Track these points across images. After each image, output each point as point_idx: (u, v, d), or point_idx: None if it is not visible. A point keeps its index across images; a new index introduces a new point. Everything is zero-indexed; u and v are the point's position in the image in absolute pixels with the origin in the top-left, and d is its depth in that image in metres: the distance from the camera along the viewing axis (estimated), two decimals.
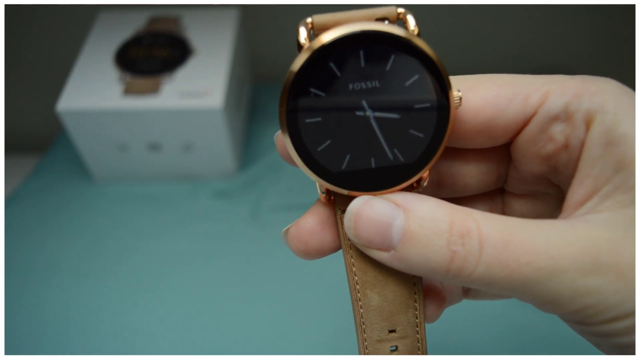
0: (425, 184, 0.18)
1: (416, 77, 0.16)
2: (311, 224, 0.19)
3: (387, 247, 0.16)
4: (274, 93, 0.65)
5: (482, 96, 0.17)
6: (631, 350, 0.15)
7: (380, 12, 0.17)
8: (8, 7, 0.62)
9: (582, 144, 0.16)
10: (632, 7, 0.61)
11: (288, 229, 0.19)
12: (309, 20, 0.17)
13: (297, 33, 0.17)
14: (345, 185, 0.17)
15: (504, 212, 0.21)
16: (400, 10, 0.17)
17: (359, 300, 0.19)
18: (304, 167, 0.17)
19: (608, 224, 0.15)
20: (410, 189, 0.18)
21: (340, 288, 0.41)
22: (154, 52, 0.53)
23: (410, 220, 0.16)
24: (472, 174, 0.20)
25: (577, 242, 0.15)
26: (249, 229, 0.50)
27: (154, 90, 0.49)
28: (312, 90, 0.16)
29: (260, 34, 0.66)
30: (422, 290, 0.19)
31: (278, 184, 0.55)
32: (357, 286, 0.19)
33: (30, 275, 0.47)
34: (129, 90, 0.49)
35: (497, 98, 0.17)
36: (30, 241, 0.50)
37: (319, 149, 0.17)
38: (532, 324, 0.41)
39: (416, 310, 0.19)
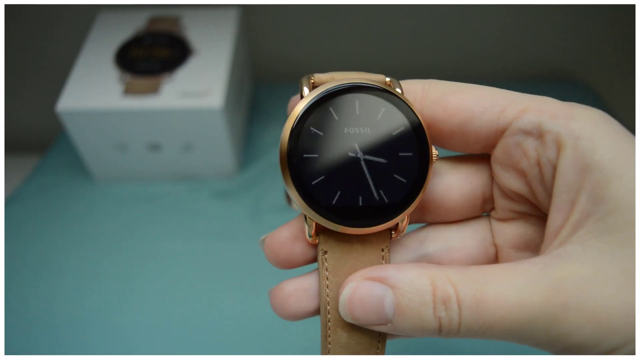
0: (404, 232, 0.20)
1: (402, 129, 0.19)
2: (282, 236, 0.20)
3: (385, 322, 0.17)
4: (274, 93, 0.65)
5: (460, 100, 0.19)
6: None
7: (372, 78, 0.19)
8: (8, 7, 0.62)
9: (554, 167, 0.17)
10: (632, 7, 0.61)
11: (264, 238, 0.21)
12: (311, 77, 0.19)
13: (300, 87, 0.19)
14: (333, 219, 0.19)
15: (495, 241, 0.21)
16: (388, 79, 0.20)
17: (329, 336, 0.20)
18: (299, 198, 0.19)
19: (578, 259, 0.16)
20: (388, 236, 0.20)
21: None
22: (154, 52, 0.53)
23: (398, 295, 0.17)
24: (455, 198, 0.21)
25: (547, 288, 0.15)
26: (248, 229, 0.50)
27: (154, 90, 0.49)
28: (312, 129, 0.18)
29: (260, 34, 0.66)
30: (385, 336, 0.20)
31: (278, 184, 0.55)
32: (329, 323, 0.20)
33: (30, 275, 0.47)
34: (129, 90, 0.49)
35: (474, 105, 0.18)
36: (30, 241, 0.50)
37: (314, 182, 0.18)
38: None
39: (378, 349, 0.20)
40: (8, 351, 0.41)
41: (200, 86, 0.49)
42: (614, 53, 0.68)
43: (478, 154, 0.21)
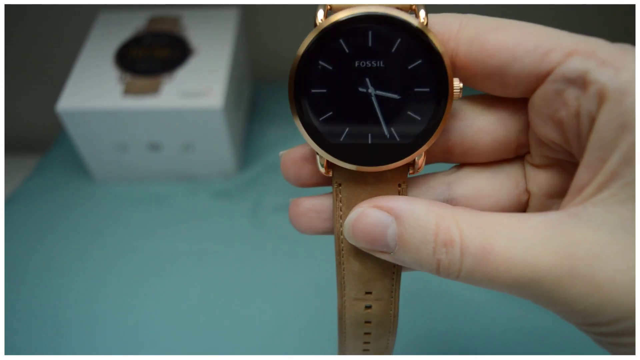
0: (421, 170, 0.19)
1: (419, 62, 0.17)
2: (295, 155, 0.20)
3: (387, 251, 0.17)
4: (274, 93, 0.65)
5: (501, 40, 0.17)
6: (625, 349, 0.15)
7: (394, 2, 0.18)
8: (8, 7, 0.62)
9: (593, 121, 0.15)
10: (632, 7, 0.61)
11: (284, 153, 0.21)
12: (328, 3, 0.18)
13: (315, 14, 0.17)
14: (341, 157, 0.18)
15: (528, 187, 0.20)
16: (414, 4, 0.18)
17: (342, 264, 0.20)
18: (305, 134, 0.18)
19: (597, 224, 0.15)
20: (406, 171, 0.19)
21: None
22: (154, 52, 0.53)
23: (401, 227, 0.17)
24: (486, 142, 0.20)
25: (558, 249, 0.15)
26: (249, 229, 0.50)
27: (154, 90, 0.49)
28: (321, 63, 0.17)
29: (260, 34, 0.66)
30: (400, 269, 0.20)
31: (278, 184, 0.55)
32: (342, 252, 0.20)
33: (30, 275, 0.47)
34: (129, 90, 0.49)
35: (516, 46, 0.17)
36: (30, 241, 0.50)
37: (321, 118, 0.18)
38: (532, 323, 0.41)
39: (393, 279, 0.20)
40: (8, 352, 0.41)
41: (200, 86, 0.49)
42: None
43: (515, 98, 0.19)
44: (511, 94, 0.18)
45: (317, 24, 0.17)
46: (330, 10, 0.18)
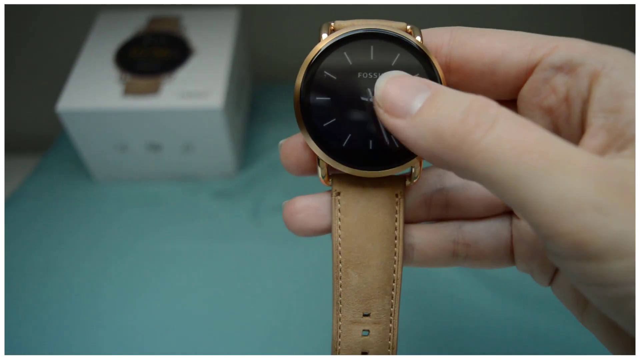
0: (418, 179, 0.20)
1: (417, 74, 0.18)
2: (296, 141, 0.21)
3: (403, 114, 0.16)
4: (274, 93, 0.65)
5: (489, 40, 0.19)
6: (620, 309, 0.14)
7: (392, 25, 0.19)
8: (8, 7, 0.62)
9: (584, 101, 0.17)
10: (632, 7, 0.61)
11: (284, 140, 0.22)
12: (332, 23, 0.19)
13: (319, 32, 0.19)
14: (343, 161, 0.19)
15: None
16: (409, 27, 0.19)
17: (340, 278, 0.20)
18: (309, 139, 0.19)
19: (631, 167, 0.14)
20: (403, 181, 0.20)
21: None
22: (154, 52, 0.53)
23: (434, 94, 0.16)
24: None
25: (604, 176, 0.13)
26: (249, 229, 0.50)
27: (154, 90, 0.49)
28: (326, 73, 0.19)
29: (260, 34, 0.66)
30: (400, 280, 0.20)
31: (278, 184, 0.55)
32: (340, 264, 0.20)
33: (30, 275, 0.47)
34: (129, 90, 0.49)
35: (503, 43, 0.18)
36: (30, 241, 0.50)
37: (325, 124, 0.19)
38: (532, 323, 0.41)
39: (392, 298, 0.20)
40: (8, 352, 0.41)
41: (200, 86, 0.49)
42: None
43: (506, 99, 0.20)
44: (502, 92, 0.19)
45: (322, 39, 0.19)
46: (333, 30, 0.19)
